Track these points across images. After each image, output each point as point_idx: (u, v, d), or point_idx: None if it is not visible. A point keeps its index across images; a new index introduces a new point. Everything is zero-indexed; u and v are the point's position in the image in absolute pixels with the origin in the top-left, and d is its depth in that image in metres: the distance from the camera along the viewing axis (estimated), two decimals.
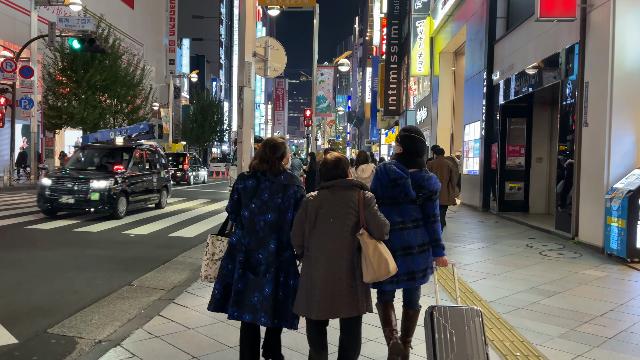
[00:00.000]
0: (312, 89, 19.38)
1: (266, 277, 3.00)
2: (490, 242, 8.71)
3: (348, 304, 2.84)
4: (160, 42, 49.62)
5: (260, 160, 3.11)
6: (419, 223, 3.25)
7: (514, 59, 11.79)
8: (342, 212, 2.88)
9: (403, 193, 3.21)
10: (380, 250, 2.84)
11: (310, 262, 2.90)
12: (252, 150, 6.65)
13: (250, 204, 3.06)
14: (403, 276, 3.19)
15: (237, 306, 3.03)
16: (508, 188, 12.59)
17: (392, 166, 3.28)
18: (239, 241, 3.08)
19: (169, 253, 7.65)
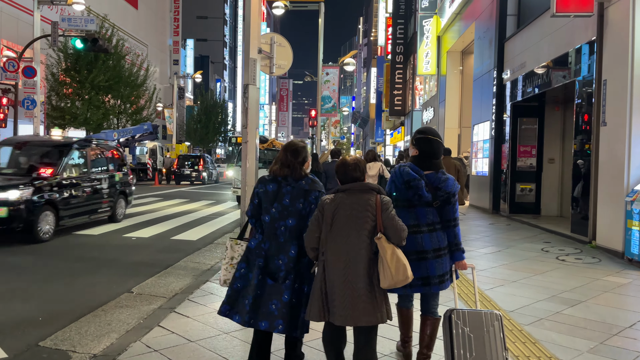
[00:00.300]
0: (317, 88, 19.11)
1: (285, 284, 2.96)
2: (504, 246, 8.40)
3: (367, 311, 2.77)
4: (164, 43, 49.52)
5: (281, 165, 3.06)
6: (435, 227, 3.18)
7: (525, 57, 11.48)
8: (359, 215, 2.82)
9: (417, 195, 3.15)
10: (398, 255, 2.78)
11: (327, 266, 2.83)
12: (257, 151, 6.38)
13: (271, 208, 3.01)
14: (417, 281, 3.11)
15: (254, 313, 2.96)
16: (519, 189, 12.27)
17: (406, 168, 3.22)
18: (258, 246, 3.04)
19: (171, 257, 7.38)
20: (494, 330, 2.88)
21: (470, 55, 19.55)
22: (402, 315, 3.50)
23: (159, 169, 28.04)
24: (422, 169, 3.22)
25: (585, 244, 8.43)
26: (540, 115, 12.25)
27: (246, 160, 6.25)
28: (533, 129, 12.25)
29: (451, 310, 2.92)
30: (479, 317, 2.91)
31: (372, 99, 55.45)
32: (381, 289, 2.82)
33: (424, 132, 3.32)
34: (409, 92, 31.31)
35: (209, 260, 7.26)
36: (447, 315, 2.92)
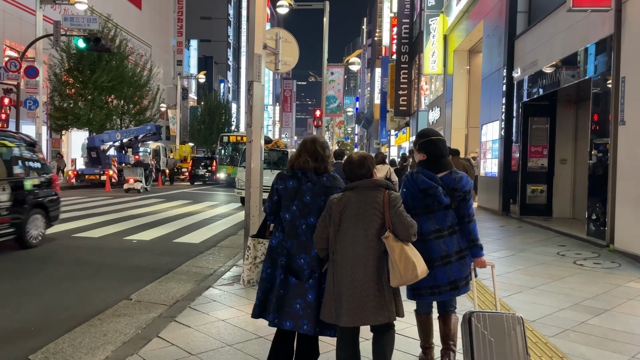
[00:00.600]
0: (322, 88, 18.83)
1: (309, 283, 2.89)
2: (517, 250, 8.09)
3: (376, 310, 2.71)
4: (168, 43, 49.35)
5: (310, 157, 2.95)
6: (454, 229, 3.15)
7: (537, 54, 11.17)
8: (367, 213, 2.76)
9: (436, 202, 3.11)
10: (407, 253, 2.70)
11: (336, 266, 2.78)
12: (262, 150, 6.10)
13: (291, 206, 2.93)
14: (445, 287, 3.08)
15: (278, 313, 2.90)
16: (530, 191, 11.95)
17: (421, 175, 3.13)
18: (280, 244, 2.96)
19: (173, 261, 7.11)
20: (516, 334, 2.77)
21: (478, 54, 19.24)
22: (423, 322, 3.38)
23: (162, 169, 27.79)
24: (434, 172, 3.14)
25: (602, 247, 8.12)
26: (551, 114, 11.94)
27: (251, 160, 5.96)
28: (544, 128, 11.94)
29: (471, 313, 2.83)
30: (500, 320, 2.81)
31: (376, 99, 55.14)
32: (391, 288, 2.76)
33: (425, 134, 3.25)
34: (414, 92, 30.99)
35: (212, 264, 6.99)
36: (466, 317, 2.83)
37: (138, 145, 27.29)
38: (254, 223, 6.00)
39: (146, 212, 12.91)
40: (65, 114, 24.31)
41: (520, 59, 12.30)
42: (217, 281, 5.84)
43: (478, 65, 19.24)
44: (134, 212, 12.73)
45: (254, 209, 5.98)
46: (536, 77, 11.19)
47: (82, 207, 13.25)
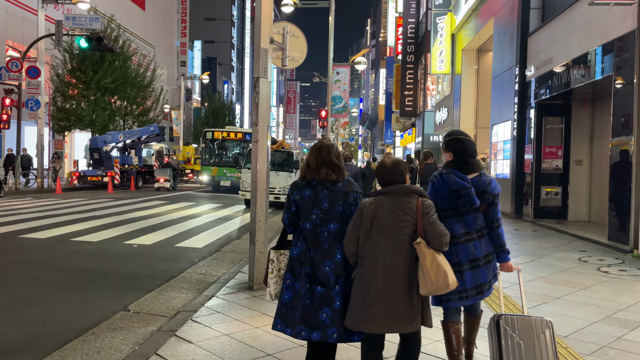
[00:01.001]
0: (327, 88, 18.47)
1: (335, 290, 2.86)
2: (536, 256, 7.70)
3: (405, 318, 2.67)
4: (171, 44, 49.13)
5: (330, 169, 2.91)
6: (483, 232, 3.10)
7: (552, 52, 10.78)
8: (399, 219, 2.72)
9: (468, 203, 3.04)
10: (439, 261, 2.66)
11: (364, 271, 2.73)
12: (268, 151, 5.75)
13: (310, 215, 2.90)
14: (472, 290, 3.05)
15: (305, 324, 2.85)
16: (544, 193, 11.56)
17: (452, 176, 3.06)
18: (302, 254, 2.93)
19: (174, 267, 6.76)
20: (545, 338, 2.73)
21: (487, 53, 18.85)
22: (452, 331, 3.20)
23: None
24: (464, 172, 3.08)
25: (625, 253, 7.72)
26: (566, 114, 11.55)
27: (257, 161, 5.61)
28: (559, 128, 11.54)
29: (499, 316, 2.79)
30: (529, 323, 2.77)
31: (381, 100, 54.70)
32: (419, 296, 2.71)
33: (452, 133, 3.24)
34: (420, 93, 30.61)
35: (215, 270, 6.64)
36: (494, 320, 2.80)
37: (141, 146, 26.99)
38: (260, 228, 5.65)
39: (148, 214, 12.58)
40: (68, 114, 24.02)
41: (533, 57, 11.91)
42: (221, 290, 5.49)
43: (487, 64, 18.85)
44: (136, 214, 12.41)
45: (260, 214, 5.63)
46: (551, 76, 10.81)
47: (82, 210, 12.94)
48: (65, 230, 9.47)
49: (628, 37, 7.86)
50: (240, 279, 5.96)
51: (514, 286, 5.69)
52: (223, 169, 21.79)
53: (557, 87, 10.51)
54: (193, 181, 32.68)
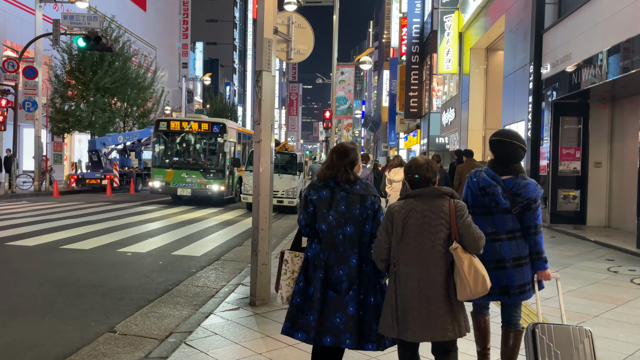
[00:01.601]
0: (331, 87, 17.96)
1: (349, 295, 2.78)
2: (560, 265, 7.14)
3: (447, 325, 2.58)
4: (173, 46, 48.73)
5: (326, 167, 2.89)
6: (515, 235, 3.00)
7: (570, 48, 10.22)
8: (433, 223, 2.62)
9: (494, 202, 2.98)
10: (476, 266, 2.58)
11: (399, 278, 2.65)
12: (272, 152, 5.21)
13: (327, 216, 2.84)
14: (495, 289, 2.94)
15: (316, 329, 2.76)
16: (561, 197, 10.99)
17: (482, 173, 3.04)
18: (316, 256, 2.86)
19: (170, 279, 6.22)
20: (584, 347, 2.64)
21: (497, 52, 18.32)
22: (478, 323, 3.23)
23: None
24: (499, 173, 3.02)
25: None
26: (584, 113, 10.98)
27: (259, 163, 5.07)
28: (576, 129, 10.98)
29: (535, 324, 2.73)
30: (567, 333, 2.69)
31: (384, 102, 54.23)
32: (458, 302, 2.64)
33: (498, 134, 3.12)
34: (425, 94, 30.07)
35: (214, 282, 6.10)
36: (530, 329, 2.74)
37: (141, 148, 26.47)
38: (263, 237, 5.10)
39: (146, 219, 12.05)
40: (66, 116, 23.53)
41: (549, 54, 11.35)
42: (220, 305, 4.95)
43: (497, 63, 18.31)
44: (133, 219, 11.88)
45: (263, 221, 5.08)
46: (569, 73, 10.24)
47: (78, 214, 12.40)
48: (56, 236, 8.94)
49: None
50: (241, 293, 5.42)
51: (543, 304, 5.15)
52: (181, 172, 16.10)
53: (576, 85, 9.95)
54: None
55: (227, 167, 16.42)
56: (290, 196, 14.46)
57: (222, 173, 16.20)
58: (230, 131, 16.82)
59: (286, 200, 14.43)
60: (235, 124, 18.67)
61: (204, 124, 16.64)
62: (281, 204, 14.43)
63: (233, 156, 16.87)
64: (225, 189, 16.11)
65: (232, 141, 17.02)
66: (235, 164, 16.89)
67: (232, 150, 16.96)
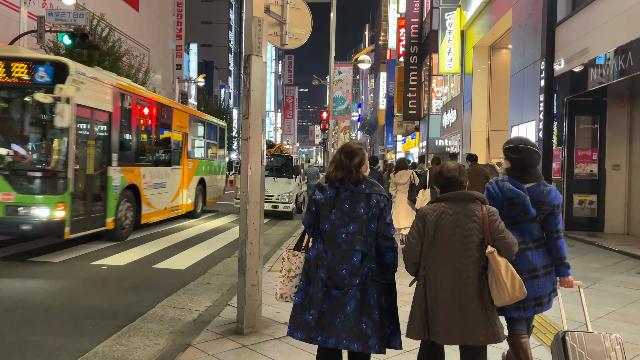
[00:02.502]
0: (329, 86, 17.18)
1: (350, 293, 2.70)
2: (589, 280, 6.36)
3: (481, 329, 2.54)
4: (167, 47, 47.85)
5: (335, 168, 2.82)
6: (541, 242, 2.95)
7: (588, 41, 9.48)
8: (466, 227, 2.60)
9: (522, 212, 2.92)
10: (513, 270, 2.56)
11: (429, 282, 2.63)
12: (263, 151, 4.41)
13: (330, 215, 2.79)
14: (530, 302, 2.87)
15: (321, 329, 2.72)
16: (577, 202, 10.23)
17: (507, 184, 2.96)
18: (319, 256, 2.80)
19: (146, 298, 5.39)
20: (616, 355, 2.59)
21: (501, 50, 17.61)
22: (519, 346, 2.94)
23: None
24: (520, 181, 2.97)
25: None
26: (601, 112, 10.24)
27: (248, 165, 4.26)
28: (593, 129, 10.24)
29: (564, 332, 2.68)
30: (598, 340, 2.63)
31: (381, 104, 53.53)
32: (493, 307, 2.60)
33: (511, 141, 3.10)
34: (425, 95, 29.36)
35: (197, 303, 5.27)
36: (560, 337, 2.69)
37: None
38: (253, 253, 4.29)
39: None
40: None
41: (563, 49, 10.60)
42: (201, 334, 4.15)
43: (501, 62, 17.60)
44: None
45: (253, 234, 4.27)
46: (587, 68, 9.50)
47: None
48: (27, 246, 8.09)
49: None
50: (227, 317, 4.61)
51: None
52: None
53: (595, 80, 9.20)
54: None
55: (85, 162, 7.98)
56: (285, 201, 13.66)
57: (59, 179, 7.23)
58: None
59: (281, 205, 13.62)
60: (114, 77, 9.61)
61: (17, 65, 7.39)
62: (276, 209, 13.62)
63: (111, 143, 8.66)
64: (68, 213, 7.27)
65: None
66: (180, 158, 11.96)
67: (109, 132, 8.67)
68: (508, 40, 16.56)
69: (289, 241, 9.65)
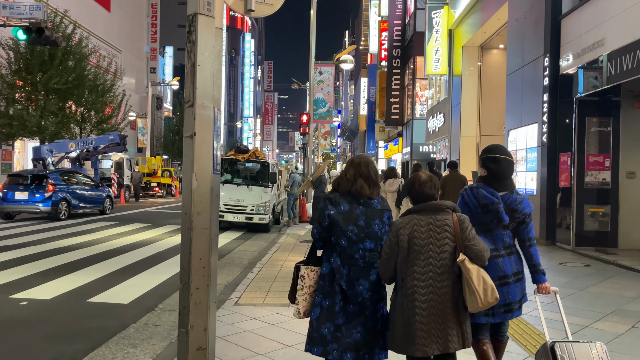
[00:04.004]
0: (309, 88, 15.92)
1: (370, 310, 2.78)
2: (630, 316, 5.14)
3: (454, 336, 2.60)
4: (140, 49, 46.08)
5: (346, 181, 2.79)
6: (512, 250, 3.00)
7: (604, 31, 8.38)
8: (438, 237, 2.65)
9: (496, 219, 2.94)
10: (484, 276, 2.60)
11: (407, 293, 2.64)
12: (215, 155, 3.08)
13: (346, 231, 2.76)
14: (500, 308, 2.91)
15: (337, 343, 2.74)
16: (588, 214, 9.10)
17: (482, 190, 2.95)
18: (337, 270, 2.77)
19: (62, 355, 3.98)
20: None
21: (491, 50, 16.62)
22: (483, 348, 2.94)
23: (126, 185, 24.42)
24: (495, 189, 2.95)
25: None
26: (614, 113, 9.16)
27: (192, 173, 2.93)
28: (606, 132, 9.14)
29: (553, 342, 2.67)
30: (586, 350, 2.65)
31: (362, 110, 52.61)
32: (465, 314, 2.67)
33: (491, 150, 3.05)
34: (408, 100, 28.34)
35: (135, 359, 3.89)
36: (548, 347, 2.67)
37: (98, 157, 23.89)
38: (200, 302, 2.95)
39: (82, 242, 9.72)
40: (10, 120, 20.90)
41: (571, 43, 9.51)
42: None
43: (492, 62, 16.59)
44: (66, 242, 9.55)
45: (199, 276, 2.93)
46: (602, 63, 8.39)
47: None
48: None
49: None
50: None
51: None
52: None
53: (612, 77, 8.09)
54: (160, 195, 29.68)
55: None
56: (261, 212, 12.29)
57: None
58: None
59: (256, 216, 12.25)
60: None
61: None
62: (250, 221, 12.26)
63: None
64: None
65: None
66: None
67: None
68: (500, 39, 15.55)
69: (264, 260, 8.33)
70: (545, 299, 4.65)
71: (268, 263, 8.02)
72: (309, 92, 15.93)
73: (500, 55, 16.50)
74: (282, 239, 11.31)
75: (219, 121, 3.12)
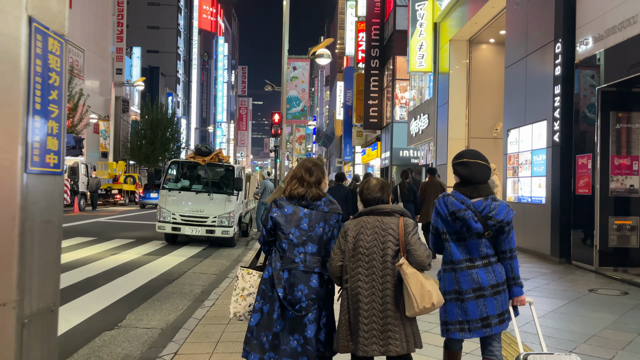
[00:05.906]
0: (282, 84, 14.23)
1: (308, 317, 2.70)
2: None
3: (395, 339, 2.59)
4: (105, 50, 43.70)
5: (297, 183, 2.80)
6: (490, 260, 2.83)
7: (636, 7, 6.92)
8: (382, 239, 2.68)
9: (465, 227, 2.82)
10: (422, 282, 2.57)
11: (351, 294, 2.68)
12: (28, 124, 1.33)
13: (288, 234, 2.75)
14: (476, 323, 2.77)
15: (274, 351, 2.69)
16: (614, 227, 7.62)
17: (451, 197, 2.89)
18: (276, 275, 2.73)
19: None
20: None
21: (480, 45, 15.25)
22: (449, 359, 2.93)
23: (81, 192, 22.27)
24: (468, 196, 2.84)
25: None
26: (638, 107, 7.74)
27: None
28: (635, 129, 7.69)
29: (526, 355, 2.64)
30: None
31: (338, 114, 51.16)
32: (409, 317, 2.64)
33: (460, 155, 2.96)
34: (387, 102, 26.92)
35: None
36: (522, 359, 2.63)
37: None
38: None
39: None
40: None
41: (590, 24, 8.06)
42: None
43: (482, 58, 15.19)
44: None
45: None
46: (632, 45, 6.93)
47: None
48: None
49: None
50: None
51: None
52: None
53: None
54: (122, 203, 27.52)
55: None
56: (224, 224, 10.51)
57: None
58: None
59: (219, 229, 10.47)
60: None
61: None
62: (212, 234, 10.47)
63: None
64: None
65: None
66: None
67: None
68: (492, 32, 14.17)
69: (222, 286, 6.63)
70: None
71: (226, 291, 6.31)
72: (282, 87, 14.25)
73: (492, 50, 15.14)
74: (249, 255, 9.60)
75: (62, 62, 1.45)
